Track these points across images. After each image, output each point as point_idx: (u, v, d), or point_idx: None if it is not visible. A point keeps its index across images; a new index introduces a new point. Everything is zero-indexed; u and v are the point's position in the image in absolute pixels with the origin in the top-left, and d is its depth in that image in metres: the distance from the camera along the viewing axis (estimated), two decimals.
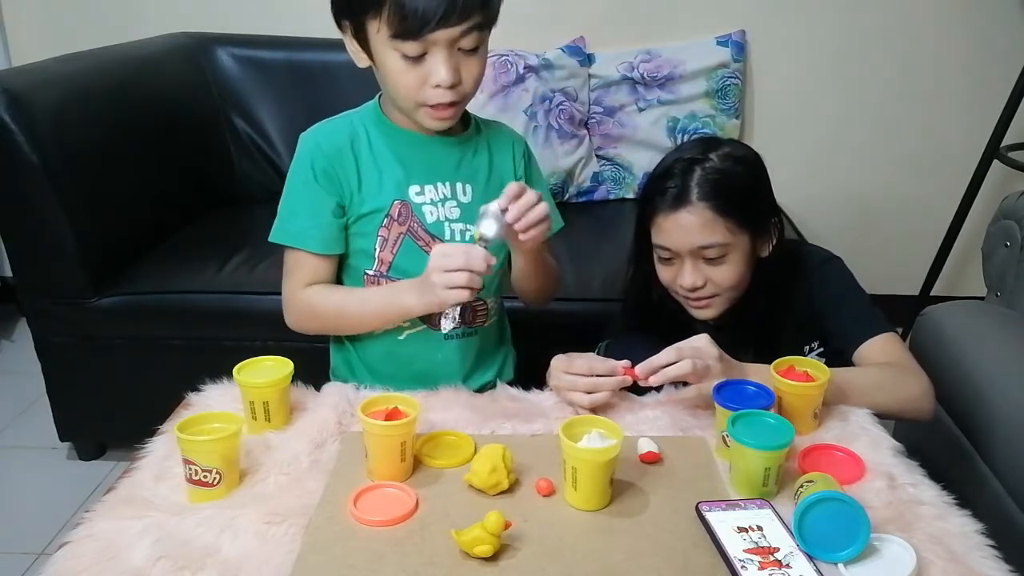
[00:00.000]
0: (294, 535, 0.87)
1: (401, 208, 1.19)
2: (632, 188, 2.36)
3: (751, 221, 1.21)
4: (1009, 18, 2.36)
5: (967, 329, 1.43)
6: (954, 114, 2.46)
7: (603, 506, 0.92)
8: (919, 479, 0.96)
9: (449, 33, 1.04)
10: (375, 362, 1.26)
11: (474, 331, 1.27)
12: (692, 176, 1.19)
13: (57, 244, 1.77)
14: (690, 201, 1.18)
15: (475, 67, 1.10)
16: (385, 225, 1.19)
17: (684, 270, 1.21)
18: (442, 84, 1.07)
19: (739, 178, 1.21)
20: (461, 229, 1.21)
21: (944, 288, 2.42)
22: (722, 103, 2.33)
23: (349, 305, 1.20)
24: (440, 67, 1.06)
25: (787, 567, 0.81)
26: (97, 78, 1.96)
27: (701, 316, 1.25)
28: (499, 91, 2.24)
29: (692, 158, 1.21)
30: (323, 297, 1.20)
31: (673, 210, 1.19)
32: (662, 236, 1.22)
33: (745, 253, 1.21)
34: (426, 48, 1.06)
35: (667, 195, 1.20)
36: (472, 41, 1.07)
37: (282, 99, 2.34)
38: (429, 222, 1.19)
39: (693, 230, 1.18)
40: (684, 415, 1.11)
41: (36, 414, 2.12)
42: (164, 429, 1.06)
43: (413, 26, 1.03)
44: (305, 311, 1.21)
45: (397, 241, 1.19)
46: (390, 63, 1.09)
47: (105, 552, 0.84)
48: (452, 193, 1.21)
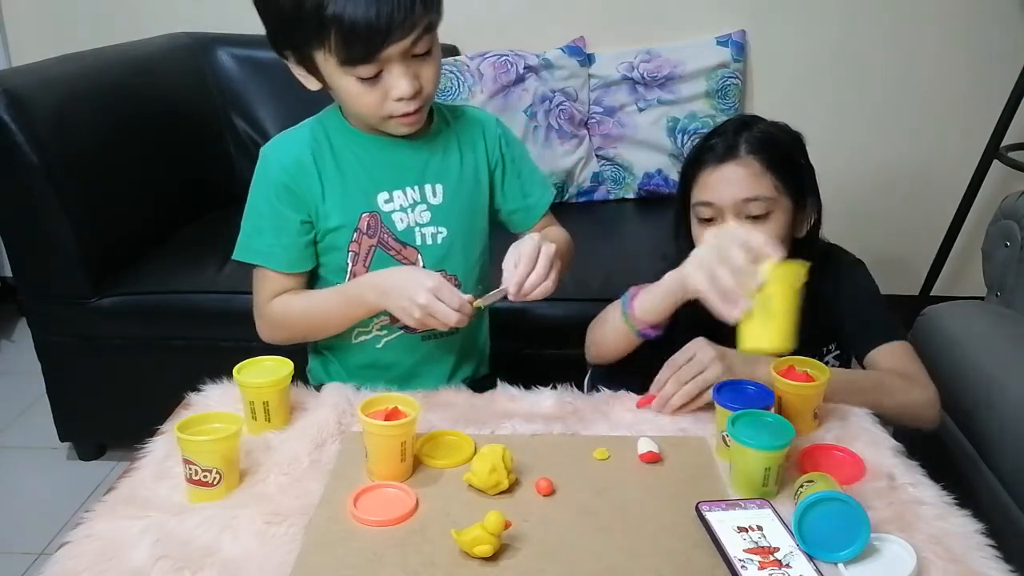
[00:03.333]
0: (294, 535, 0.87)
1: (370, 220, 1.16)
2: (632, 188, 2.36)
3: (794, 187, 1.20)
4: (1009, 18, 2.36)
5: (967, 329, 1.43)
6: (954, 114, 2.45)
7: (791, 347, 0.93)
8: (919, 479, 0.96)
9: (400, 46, 1.01)
10: (355, 369, 1.24)
11: (455, 330, 1.23)
12: (741, 135, 1.20)
13: (57, 244, 1.77)
14: (738, 154, 1.18)
15: (431, 68, 1.07)
16: (355, 240, 1.16)
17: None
18: (405, 96, 1.05)
19: (786, 143, 1.23)
20: (432, 232, 1.18)
21: (944, 288, 2.42)
22: (722, 103, 2.33)
23: (313, 308, 1.18)
24: (399, 81, 1.04)
25: (787, 567, 0.81)
26: (97, 78, 1.96)
27: None
28: (499, 91, 2.24)
29: (741, 121, 1.22)
30: (288, 305, 1.18)
31: (721, 163, 1.18)
32: (707, 191, 1.20)
33: (786, 219, 1.20)
34: (380, 66, 1.03)
35: (715, 150, 1.20)
36: (424, 45, 1.04)
37: (282, 99, 2.33)
38: (400, 229, 1.17)
39: (740, 181, 1.17)
40: (684, 415, 1.10)
41: (36, 414, 2.12)
42: (164, 429, 1.06)
43: (361, 50, 1.00)
44: (275, 322, 1.20)
45: (368, 254, 1.17)
46: (346, 87, 1.06)
47: (105, 552, 0.84)
48: (422, 196, 1.18)
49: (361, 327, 1.21)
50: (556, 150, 2.28)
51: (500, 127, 1.26)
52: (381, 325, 1.21)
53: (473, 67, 2.24)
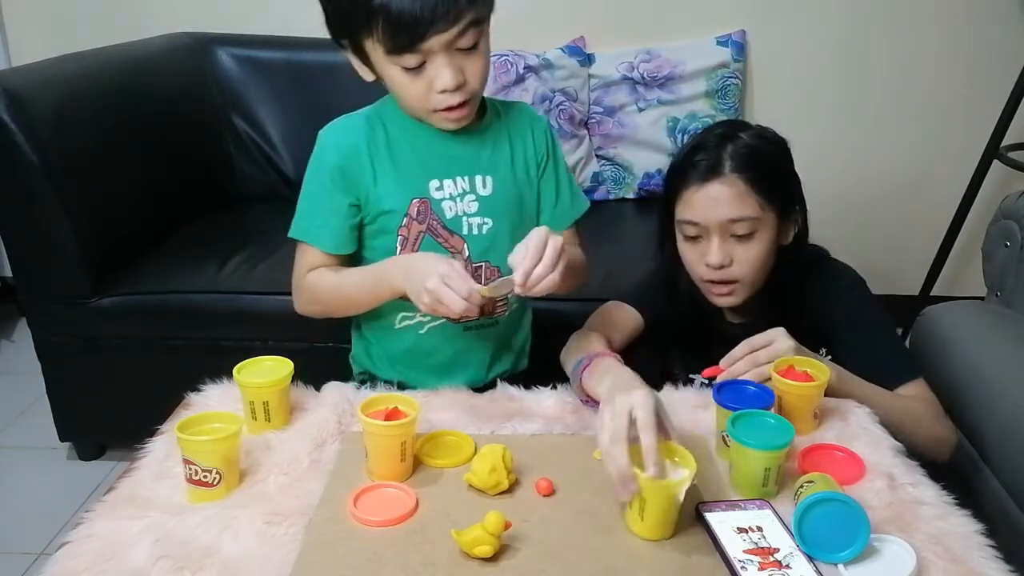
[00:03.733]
0: (294, 535, 0.87)
1: (420, 206, 1.18)
2: (632, 188, 2.36)
3: (779, 200, 1.20)
4: (1009, 18, 2.36)
5: (967, 329, 1.43)
6: (954, 114, 2.45)
7: (669, 536, 0.87)
8: (919, 479, 0.96)
9: (443, 38, 1.03)
10: (397, 355, 1.26)
11: (495, 321, 1.26)
12: (725, 150, 1.19)
13: (57, 244, 1.77)
14: (723, 173, 1.17)
15: (478, 63, 1.09)
16: (405, 224, 1.18)
17: (711, 247, 1.19)
18: (447, 88, 1.06)
19: (770, 156, 1.22)
20: (479, 223, 1.19)
21: (944, 288, 2.42)
22: (722, 103, 2.33)
23: (345, 283, 1.20)
24: (442, 72, 1.05)
25: (787, 568, 0.81)
26: (97, 78, 1.96)
27: (722, 303, 1.24)
28: (499, 91, 2.24)
29: (723, 134, 1.21)
30: (322, 279, 1.20)
31: (705, 182, 1.18)
32: (691, 210, 1.20)
33: (771, 234, 1.20)
34: (424, 57, 1.05)
35: (699, 167, 1.19)
36: (470, 39, 1.05)
37: (282, 99, 2.33)
38: (448, 217, 1.18)
39: (725, 202, 1.17)
40: (684, 415, 1.10)
41: (36, 414, 2.12)
42: (164, 429, 1.06)
43: (405, 39, 1.02)
44: (308, 295, 1.23)
45: (417, 239, 1.18)
46: (393, 76, 1.08)
47: (105, 552, 0.84)
48: (471, 187, 1.19)
49: (406, 312, 1.22)
50: None
51: (549, 127, 1.28)
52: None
53: None
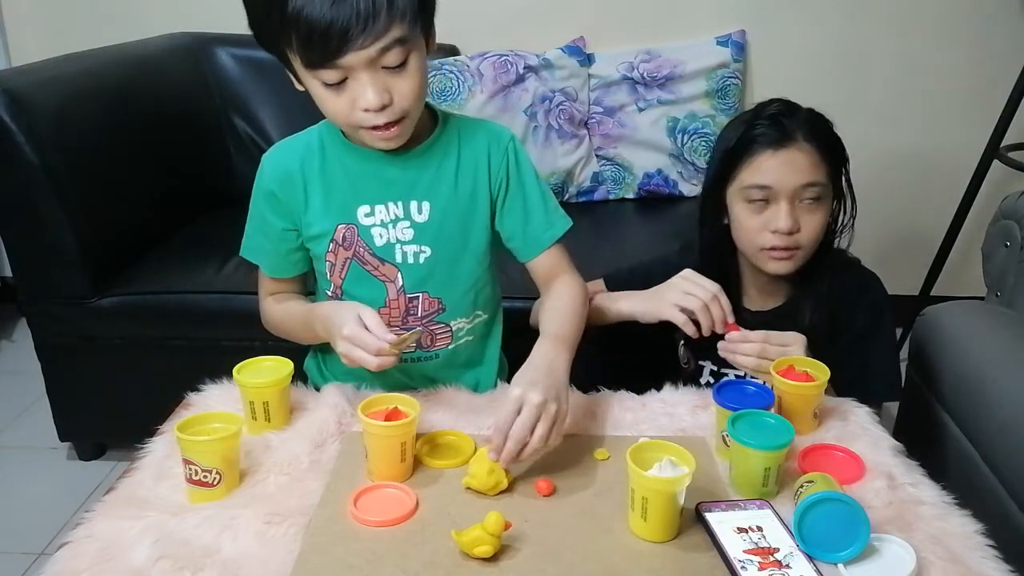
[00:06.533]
0: (294, 535, 0.87)
1: (346, 232, 1.13)
2: (632, 188, 2.36)
3: (838, 177, 1.24)
4: (1009, 18, 2.36)
5: (967, 329, 1.43)
6: (954, 114, 2.45)
7: (672, 537, 0.87)
8: (919, 479, 0.97)
9: (362, 55, 0.95)
10: (343, 377, 1.21)
11: (434, 355, 1.20)
12: (795, 118, 1.21)
13: (57, 244, 1.77)
14: (797, 140, 1.20)
15: (407, 83, 1.00)
16: (331, 250, 1.14)
17: (780, 212, 1.19)
18: (370, 108, 0.99)
19: (832, 131, 1.25)
20: (414, 251, 1.13)
21: (944, 288, 2.42)
22: (722, 103, 2.33)
23: (287, 320, 1.21)
24: (365, 91, 0.98)
25: (787, 567, 0.81)
26: (97, 78, 1.96)
27: (779, 270, 1.24)
28: (499, 91, 2.24)
29: (783, 109, 1.23)
30: (272, 310, 1.23)
31: (780, 147, 1.20)
32: (763, 175, 1.21)
33: (830, 208, 1.24)
34: (346, 72, 0.97)
35: (769, 135, 1.20)
36: (395, 57, 0.97)
37: (282, 99, 2.33)
38: (378, 245, 1.13)
39: (801, 168, 1.19)
40: (684, 415, 1.11)
41: (36, 414, 2.12)
42: (164, 429, 1.06)
43: (318, 54, 0.95)
44: (265, 318, 1.25)
45: (344, 266, 1.15)
46: (315, 90, 1.02)
47: (105, 552, 0.84)
48: (405, 213, 1.13)
49: None
50: (556, 150, 2.27)
51: (513, 147, 1.18)
52: None
53: (473, 67, 2.24)
